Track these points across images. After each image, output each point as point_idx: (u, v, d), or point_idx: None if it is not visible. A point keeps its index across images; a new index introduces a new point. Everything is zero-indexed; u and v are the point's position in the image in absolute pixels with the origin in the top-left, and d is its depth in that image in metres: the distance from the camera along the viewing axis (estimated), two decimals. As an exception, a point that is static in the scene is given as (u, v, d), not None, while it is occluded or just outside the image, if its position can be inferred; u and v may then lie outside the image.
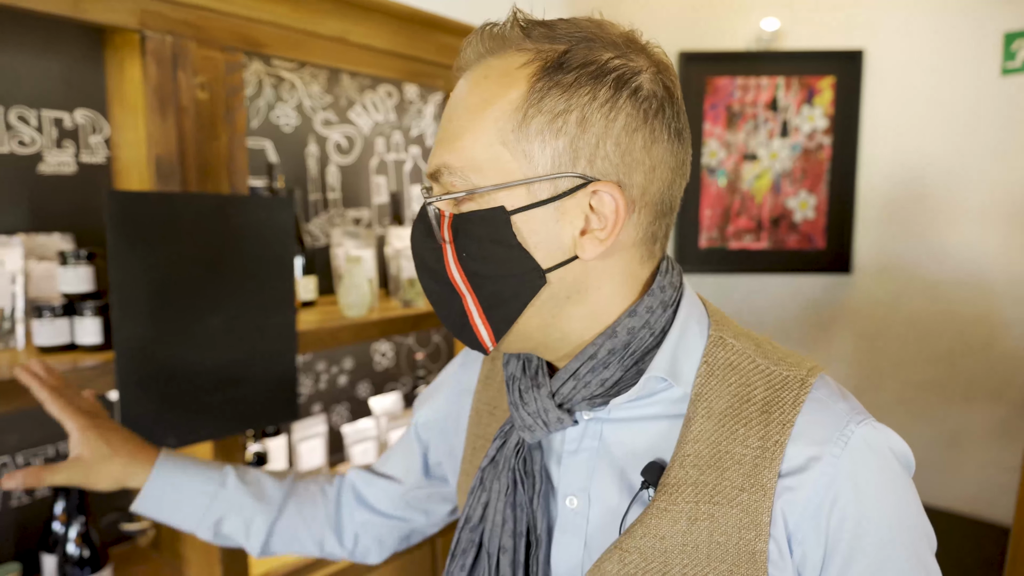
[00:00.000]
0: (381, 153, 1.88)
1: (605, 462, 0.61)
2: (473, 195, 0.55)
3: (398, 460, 0.87)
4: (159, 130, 1.06)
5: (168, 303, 1.05)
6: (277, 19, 1.17)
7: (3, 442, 1.25)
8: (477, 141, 0.55)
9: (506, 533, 0.62)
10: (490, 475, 0.64)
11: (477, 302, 0.57)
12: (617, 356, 0.58)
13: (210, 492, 0.80)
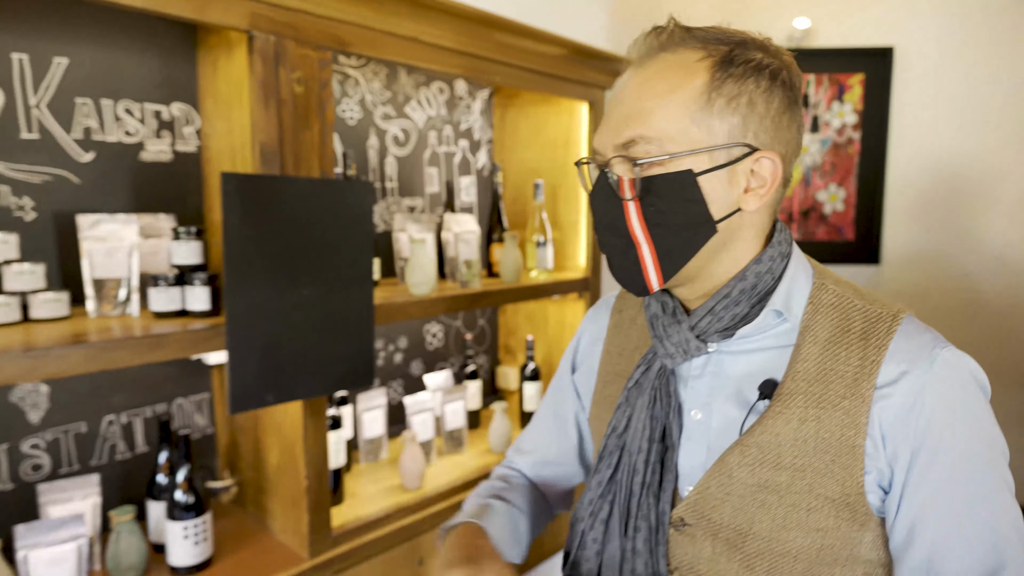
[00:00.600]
0: (433, 145, 2.01)
1: (723, 384, 0.76)
2: (662, 161, 0.69)
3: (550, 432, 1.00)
4: (263, 120, 1.18)
5: (270, 275, 1.17)
6: (362, 21, 1.29)
7: (109, 402, 1.39)
8: (668, 117, 0.69)
9: (644, 438, 0.77)
10: (634, 394, 0.80)
11: (654, 251, 0.71)
12: (746, 295, 0.74)
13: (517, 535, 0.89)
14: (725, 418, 0.75)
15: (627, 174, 0.71)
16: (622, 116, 0.71)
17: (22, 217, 1.25)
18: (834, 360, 0.71)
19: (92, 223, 1.21)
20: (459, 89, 2.05)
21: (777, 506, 0.70)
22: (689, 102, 0.69)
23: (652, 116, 0.69)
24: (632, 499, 0.77)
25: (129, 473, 1.41)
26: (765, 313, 0.73)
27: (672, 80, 0.70)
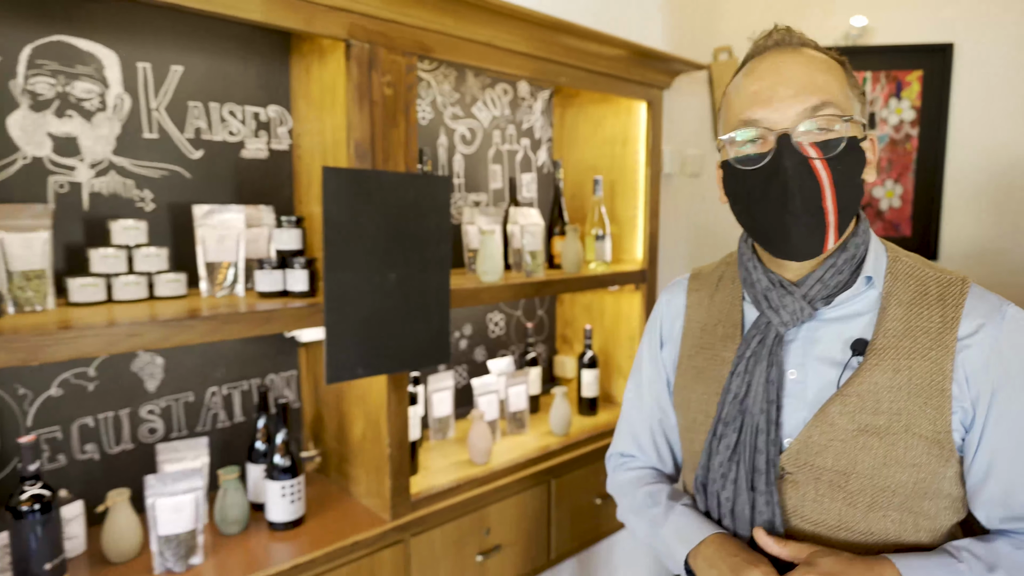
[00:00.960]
0: (497, 144, 2.12)
1: (813, 347, 0.89)
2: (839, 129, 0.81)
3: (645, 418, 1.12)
4: (357, 119, 1.31)
5: (362, 259, 1.30)
6: (443, 28, 1.41)
7: (212, 376, 1.54)
8: (841, 90, 0.83)
9: (764, 400, 0.87)
10: (751, 363, 0.89)
11: (837, 210, 0.81)
12: (848, 265, 0.86)
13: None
14: (819, 375, 0.87)
15: (814, 137, 0.81)
16: (801, 86, 0.80)
17: (143, 208, 1.41)
18: (918, 318, 0.84)
19: (205, 212, 1.36)
20: (522, 90, 2.16)
21: (878, 447, 0.82)
22: (844, 81, 0.84)
23: (831, 87, 0.81)
24: (758, 456, 0.86)
25: (228, 440, 1.56)
26: (860, 279, 0.86)
27: (829, 63, 0.84)
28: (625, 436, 1.15)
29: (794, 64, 0.82)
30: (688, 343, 1.02)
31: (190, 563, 1.25)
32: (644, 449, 1.12)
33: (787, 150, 0.80)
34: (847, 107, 0.82)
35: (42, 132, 1.29)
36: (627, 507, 1.08)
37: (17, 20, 1.24)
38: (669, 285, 1.12)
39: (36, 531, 1.10)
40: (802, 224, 0.81)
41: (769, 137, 0.82)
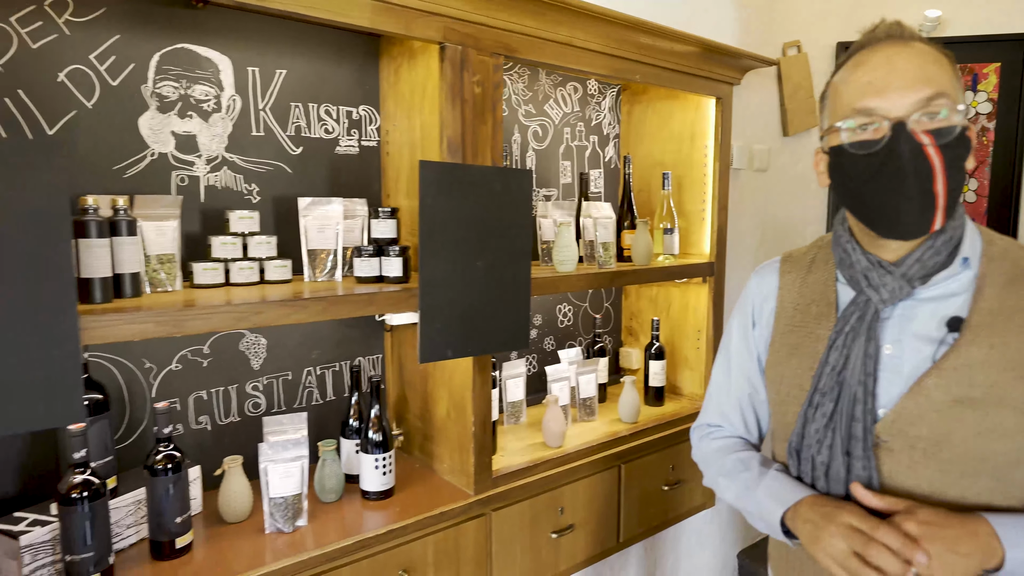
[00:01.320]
0: (567, 140, 2.19)
1: (909, 324, 0.94)
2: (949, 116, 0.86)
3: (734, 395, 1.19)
4: (449, 117, 1.40)
5: (453, 248, 1.39)
6: (527, 31, 1.49)
7: (308, 357, 1.66)
8: (951, 83, 0.89)
9: (862, 372, 0.93)
10: (849, 337, 0.95)
11: (947, 193, 0.86)
12: (946, 246, 0.92)
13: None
14: (915, 351, 0.93)
15: (927, 126, 0.86)
16: (915, 78, 0.86)
17: (250, 200, 1.54)
18: (1013, 297, 0.90)
19: (308, 204, 1.48)
20: (591, 88, 2.23)
21: (972, 418, 0.87)
22: (952, 74, 0.90)
23: (941, 79, 0.87)
24: (855, 424, 0.92)
25: (322, 416, 1.68)
26: (956, 260, 0.92)
27: (937, 57, 0.90)
28: (713, 409, 1.22)
29: (906, 56, 0.88)
30: (781, 322, 1.08)
31: (296, 525, 1.36)
32: (731, 421, 1.19)
33: (903, 136, 0.86)
34: (956, 98, 0.88)
35: (167, 131, 1.43)
36: (716, 472, 1.15)
37: (148, 30, 1.37)
38: (759, 268, 1.18)
39: (169, 488, 1.22)
40: (914, 205, 0.87)
41: (883, 124, 0.87)
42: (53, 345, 0.97)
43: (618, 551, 1.93)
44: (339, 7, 1.22)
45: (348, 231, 1.56)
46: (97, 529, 1.12)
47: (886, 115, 0.87)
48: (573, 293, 2.26)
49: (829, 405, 0.95)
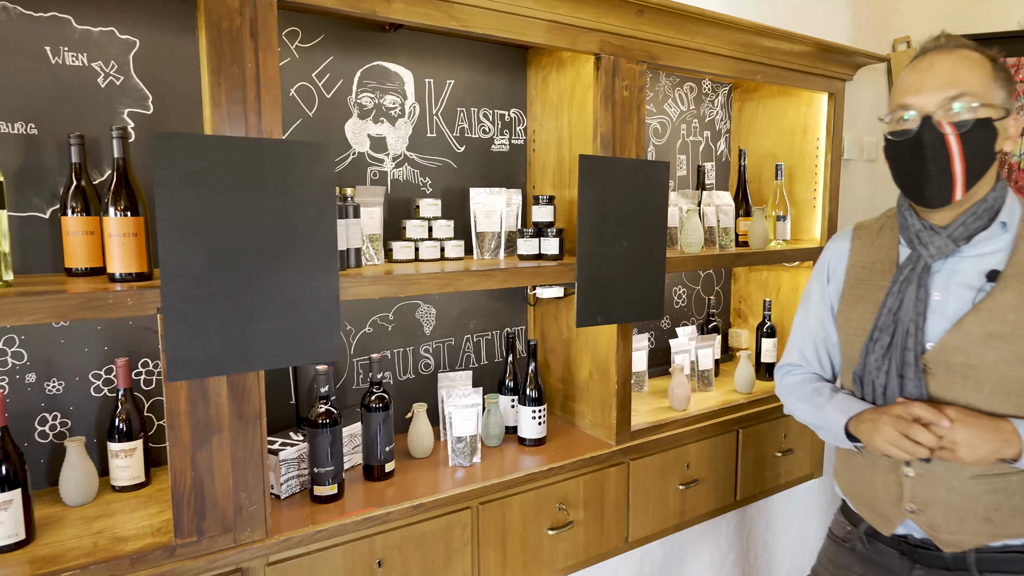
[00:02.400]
0: (683, 135, 2.38)
1: (954, 276, 1.15)
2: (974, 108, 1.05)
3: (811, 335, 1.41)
4: (603, 117, 1.63)
5: (603, 230, 1.62)
6: (668, 40, 1.70)
7: (467, 326, 1.93)
8: (979, 81, 1.09)
9: (914, 312, 1.13)
10: (903, 285, 1.16)
11: (964, 171, 1.07)
12: (987, 213, 1.13)
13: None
14: (959, 297, 1.14)
15: (950, 119, 1.07)
16: (945, 81, 1.07)
17: (425, 191, 1.82)
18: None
19: (476, 194, 1.74)
20: (705, 87, 2.41)
21: (1001, 347, 1.08)
22: (987, 75, 1.10)
23: (970, 81, 1.08)
24: (907, 354, 1.14)
25: (478, 376, 1.95)
26: (995, 224, 1.12)
27: (976, 61, 1.11)
28: (793, 351, 1.44)
29: (944, 62, 1.08)
30: (851, 277, 1.31)
31: (473, 461, 1.63)
32: (808, 360, 1.41)
33: (927, 126, 1.09)
34: (985, 96, 1.08)
35: (364, 134, 1.72)
36: (795, 398, 1.37)
37: (353, 52, 1.67)
38: (835, 236, 1.40)
39: (380, 423, 1.51)
40: (935, 181, 1.10)
41: (916, 116, 1.10)
42: (321, 300, 1.26)
43: (735, 508, 2.12)
44: (521, 28, 1.48)
45: (507, 217, 1.82)
46: (335, 449, 1.42)
47: (920, 110, 1.10)
48: (688, 277, 2.45)
49: (886, 339, 1.17)
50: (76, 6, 1.34)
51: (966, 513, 1.11)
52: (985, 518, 1.11)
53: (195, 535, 1.20)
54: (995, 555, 1.11)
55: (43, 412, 1.39)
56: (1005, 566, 1.11)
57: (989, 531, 1.11)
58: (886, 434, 1.10)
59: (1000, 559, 1.11)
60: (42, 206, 1.35)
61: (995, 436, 1.05)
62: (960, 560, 1.13)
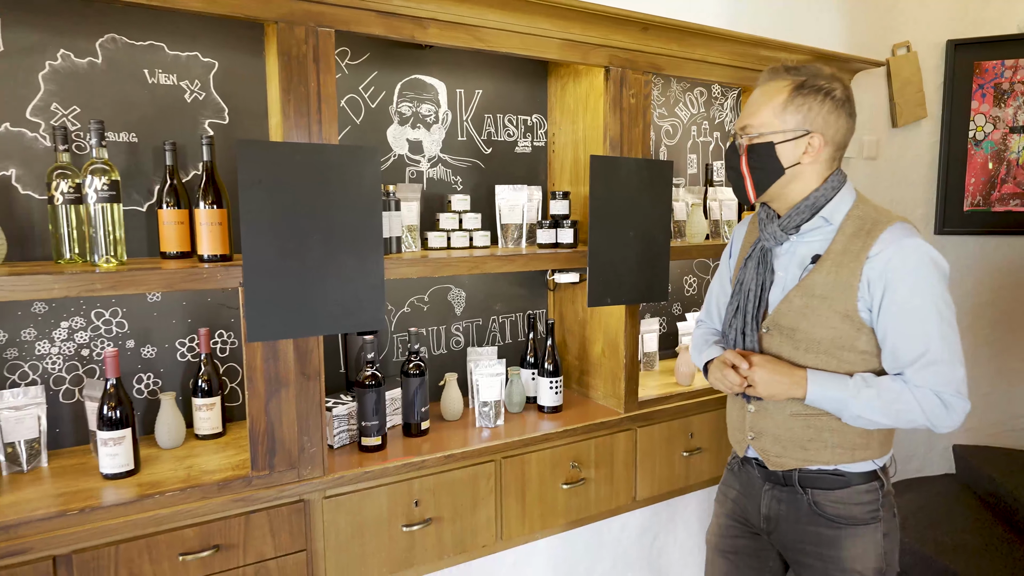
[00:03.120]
0: (694, 136, 2.58)
1: (792, 258, 1.39)
2: (758, 136, 1.31)
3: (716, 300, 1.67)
4: (612, 122, 1.86)
5: (612, 221, 1.84)
6: (670, 52, 1.91)
7: (492, 308, 2.17)
8: (766, 113, 1.34)
9: (754, 284, 1.40)
10: (752, 264, 1.42)
11: (751, 179, 1.35)
12: (808, 209, 1.36)
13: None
14: (792, 275, 1.39)
15: (745, 141, 1.35)
16: (745, 112, 1.36)
17: (456, 188, 2.07)
18: (851, 243, 1.32)
19: (501, 190, 1.98)
20: (715, 91, 2.60)
21: (812, 315, 1.33)
22: (776, 107, 1.34)
23: (757, 113, 1.36)
24: (747, 316, 1.41)
25: (502, 353, 2.19)
26: (816, 218, 1.36)
27: (771, 94, 1.35)
28: (705, 308, 1.71)
29: (754, 97, 1.38)
30: (740, 253, 1.56)
31: (496, 423, 1.87)
32: (712, 316, 1.68)
33: (731, 146, 1.42)
34: (769, 124, 1.33)
35: (403, 138, 1.98)
36: (693, 346, 1.66)
37: (394, 67, 1.92)
38: (741, 222, 1.65)
39: (416, 388, 1.76)
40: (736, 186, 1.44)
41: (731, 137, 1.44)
42: (369, 278, 1.51)
43: (737, 478, 2.31)
44: (538, 46, 1.71)
45: (528, 211, 2.05)
46: (379, 406, 1.67)
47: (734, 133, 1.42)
48: (698, 267, 2.65)
49: (735, 303, 1.46)
50: (169, 35, 1.61)
51: (787, 442, 1.41)
52: (801, 447, 1.39)
53: (267, 469, 1.47)
54: (812, 475, 1.40)
55: (139, 372, 1.67)
56: (819, 483, 1.40)
57: (804, 457, 1.40)
58: (713, 374, 1.46)
59: (815, 478, 1.40)
60: (140, 201, 1.63)
61: (786, 379, 1.34)
62: (790, 478, 1.43)
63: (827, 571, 1.41)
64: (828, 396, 1.31)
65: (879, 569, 1.39)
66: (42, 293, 1.24)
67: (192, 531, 1.39)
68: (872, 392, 1.29)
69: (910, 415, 1.28)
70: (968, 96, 2.70)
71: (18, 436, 1.46)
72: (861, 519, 1.38)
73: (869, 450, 1.38)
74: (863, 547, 1.38)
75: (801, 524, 1.42)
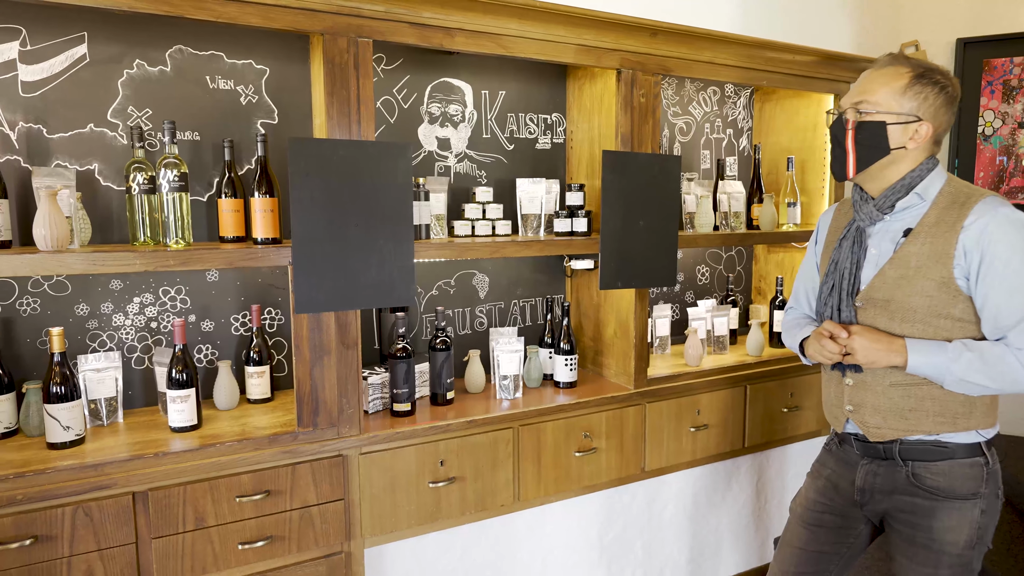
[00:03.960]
0: (707, 133, 2.72)
1: (885, 235, 1.49)
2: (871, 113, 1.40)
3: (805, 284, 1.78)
4: (623, 120, 2.02)
5: (623, 211, 2.00)
6: (678, 55, 2.07)
7: (514, 292, 2.35)
8: (882, 93, 1.42)
9: (849, 261, 1.49)
10: (843, 243, 1.52)
11: (855, 155, 1.43)
12: (904, 188, 1.46)
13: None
14: (884, 250, 1.45)
15: (854, 117, 1.43)
16: (859, 89, 1.44)
17: (481, 181, 2.25)
18: (945, 215, 1.42)
19: (521, 183, 2.15)
20: (728, 90, 2.74)
21: (907, 285, 1.40)
22: (895, 90, 1.42)
23: (874, 92, 1.42)
24: (842, 292, 1.50)
25: (524, 334, 2.36)
26: (911, 196, 1.43)
27: (891, 77, 1.44)
28: (793, 296, 1.81)
29: (871, 74, 1.44)
30: (828, 238, 1.66)
31: (515, 396, 2.05)
32: (800, 302, 1.78)
33: (838, 120, 1.49)
34: (885, 104, 1.41)
35: (432, 136, 2.17)
36: (786, 331, 1.75)
37: (424, 71, 2.12)
38: (827, 209, 1.75)
39: (442, 361, 1.95)
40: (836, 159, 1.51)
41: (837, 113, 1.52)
42: (401, 260, 1.70)
43: (743, 454, 2.45)
44: (555, 51, 1.88)
45: (547, 202, 2.23)
46: (409, 376, 1.86)
47: (842, 108, 1.49)
48: (710, 256, 2.79)
49: (831, 282, 1.53)
50: (227, 45, 1.83)
51: (887, 412, 1.46)
52: (902, 416, 1.45)
53: (311, 426, 1.67)
54: (913, 447, 1.45)
55: (200, 344, 1.89)
56: (919, 455, 1.45)
57: (905, 427, 1.45)
58: (812, 346, 1.53)
59: (916, 449, 1.45)
60: (201, 192, 1.85)
61: (886, 347, 1.41)
62: (890, 450, 1.48)
63: (914, 538, 1.45)
64: (929, 362, 1.36)
65: (969, 543, 1.42)
66: (126, 267, 1.46)
67: (247, 477, 1.60)
68: (974, 355, 1.33)
69: (1013, 375, 1.32)
70: (977, 93, 2.79)
71: (99, 394, 1.69)
72: (961, 494, 1.41)
73: (972, 419, 1.41)
74: (957, 520, 1.41)
75: (896, 495, 1.47)
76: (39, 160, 1.66)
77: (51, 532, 1.41)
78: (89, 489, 1.44)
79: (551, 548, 2.17)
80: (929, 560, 1.44)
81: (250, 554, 1.61)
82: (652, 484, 2.34)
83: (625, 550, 2.33)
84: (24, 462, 1.45)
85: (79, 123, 1.70)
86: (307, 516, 1.67)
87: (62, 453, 1.50)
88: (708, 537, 2.55)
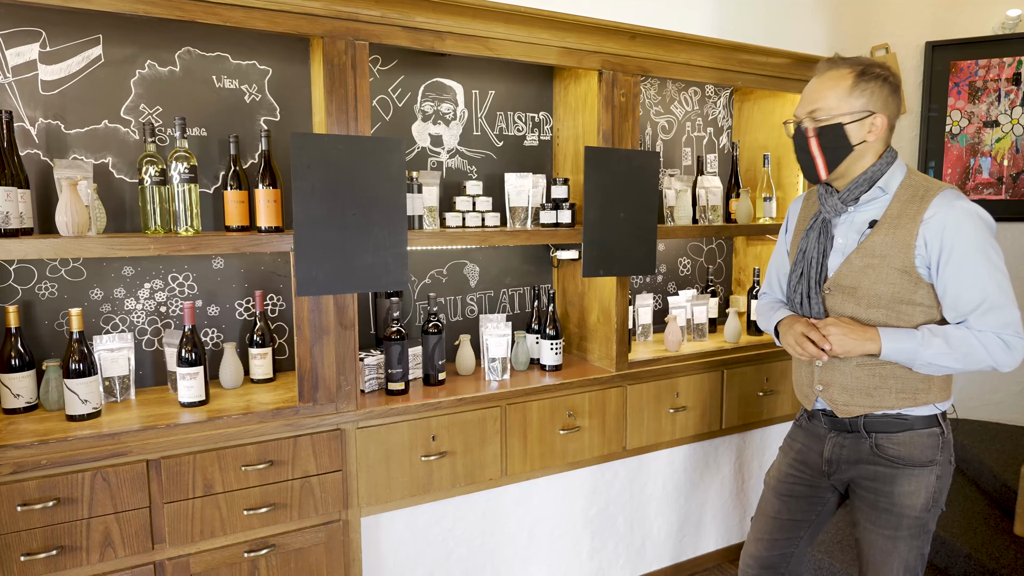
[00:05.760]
0: (688, 131, 2.85)
1: (851, 226, 1.58)
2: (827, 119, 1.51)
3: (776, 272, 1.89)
4: (604, 118, 2.15)
5: (604, 203, 2.13)
6: (656, 57, 2.20)
7: (503, 281, 2.48)
8: (832, 98, 1.51)
9: (816, 251, 1.60)
10: (810, 233, 1.63)
11: (823, 158, 1.54)
12: (866, 181, 1.54)
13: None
14: (851, 240, 1.56)
15: (812, 125, 1.54)
16: (810, 98, 1.54)
17: (471, 176, 2.38)
18: (907, 207, 1.51)
19: (510, 177, 2.28)
20: (708, 90, 2.87)
21: (873, 273, 1.50)
22: (843, 91, 1.51)
23: (824, 98, 1.52)
24: (810, 280, 1.60)
25: (512, 321, 2.49)
26: (874, 189, 1.53)
27: (835, 80, 1.53)
28: (766, 281, 1.92)
29: (816, 83, 1.54)
30: (796, 227, 1.76)
31: (503, 377, 2.17)
32: (772, 287, 1.89)
33: (798, 132, 1.58)
34: (836, 107, 1.50)
35: (425, 133, 2.29)
36: (760, 314, 1.85)
37: (418, 71, 2.24)
38: (795, 199, 1.86)
39: (434, 343, 2.07)
40: (806, 167, 1.57)
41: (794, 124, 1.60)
42: (395, 248, 1.83)
43: (720, 436, 2.58)
44: (539, 53, 2.01)
45: (533, 196, 2.36)
46: (403, 357, 1.99)
47: (798, 119, 1.59)
48: (692, 249, 2.92)
49: (799, 270, 1.63)
50: (232, 47, 1.95)
51: (855, 390, 1.58)
52: (867, 394, 1.56)
53: (311, 402, 1.79)
54: (876, 420, 1.57)
55: (206, 327, 2.01)
56: (882, 427, 1.57)
57: (870, 403, 1.57)
58: (786, 339, 1.63)
59: (879, 422, 1.57)
60: (208, 184, 1.97)
61: (860, 336, 1.50)
62: (855, 424, 1.60)
63: (877, 503, 1.57)
64: (901, 348, 1.46)
65: (926, 506, 1.54)
66: (141, 251, 1.58)
67: (252, 448, 1.72)
68: (940, 340, 1.44)
69: (976, 356, 1.43)
70: (945, 93, 2.92)
71: (113, 373, 1.81)
72: (919, 461, 1.53)
73: (930, 394, 1.53)
74: (915, 486, 1.53)
75: (861, 464, 1.59)
76: (57, 154, 1.78)
77: (72, 495, 1.53)
78: (107, 456, 1.56)
79: (537, 520, 2.30)
80: (890, 523, 1.57)
81: (254, 519, 1.73)
82: (634, 462, 2.46)
83: (608, 524, 2.46)
84: (47, 431, 1.57)
85: (94, 119, 1.82)
86: (307, 485, 1.80)
87: (81, 424, 1.63)
88: (690, 514, 2.68)
